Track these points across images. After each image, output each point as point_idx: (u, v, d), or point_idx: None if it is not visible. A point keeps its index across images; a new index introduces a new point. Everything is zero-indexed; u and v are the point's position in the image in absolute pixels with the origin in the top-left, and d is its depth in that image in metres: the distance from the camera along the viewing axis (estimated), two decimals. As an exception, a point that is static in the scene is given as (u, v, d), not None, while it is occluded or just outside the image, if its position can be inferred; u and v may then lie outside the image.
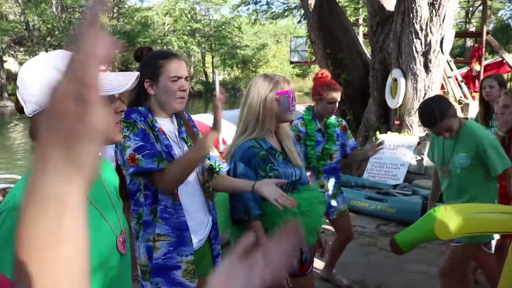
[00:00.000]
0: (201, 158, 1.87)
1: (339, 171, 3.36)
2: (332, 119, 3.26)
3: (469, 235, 2.34)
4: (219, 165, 2.07)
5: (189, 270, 1.88)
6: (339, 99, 3.14)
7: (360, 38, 13.53)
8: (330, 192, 3.28)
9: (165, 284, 1.86)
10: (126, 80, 1.17)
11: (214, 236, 2.05)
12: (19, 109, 1.19)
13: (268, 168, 2.04)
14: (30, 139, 1.19)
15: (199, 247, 1.97)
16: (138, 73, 1.23)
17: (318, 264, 3.97)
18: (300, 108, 8.38)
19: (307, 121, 3.17)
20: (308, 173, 3.11)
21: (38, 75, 1.13)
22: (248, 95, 2.11)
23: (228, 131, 3.58)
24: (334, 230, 3.73)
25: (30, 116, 1.17)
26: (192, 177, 1.95)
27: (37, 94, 1.14)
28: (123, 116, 1.24)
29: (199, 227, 1.95)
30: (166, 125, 1.95)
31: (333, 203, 3.34)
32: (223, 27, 43.16)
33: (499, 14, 33.14)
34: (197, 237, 1.95)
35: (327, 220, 3.41)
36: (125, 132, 1.80)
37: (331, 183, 3.27)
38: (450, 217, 2.17)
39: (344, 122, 3.35)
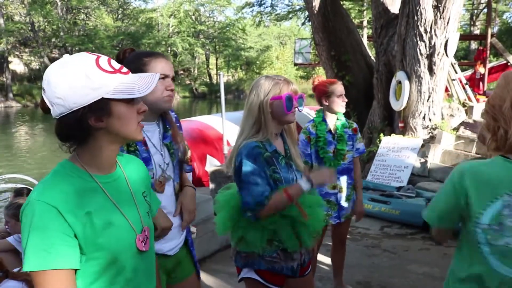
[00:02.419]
0: None
1: (352, 172, 3.34)
2: (343, 120, 3.29)
3: None
4: None
5: None
6: (344, 92, 3.20)
7: (365, 41, 13.55)
8: (343, 194, 3.27)
9: None
10: (149, 83, 1.22)
11: (191, 242, 2.13)
12: (45, 110, 1.22)
13: (270, 170, 2.03)
14: (57, 139, 1.23)
15: (175, 253, 2.01)
16: (159, 74, 1.27)
17: (323, 263, 3.99)
18: (305, 110, 8.43)
19: (317, 123, 3.20)
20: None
21: (65, 78, 1.16)
22: (249, 97, 2.12)
23: (233, 133, 3.60)
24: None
25: (57, 117, 1.20)
26: (169, 185, 1.96)
27: (64, 97, 1.16)
28: (142, 117, 1.28)
29: (173, 234, 1.97)
30: (151, 131, 1.93)
31: (345, 204, 3.29)
32: (227, 28, 43.26)
33: (504, 17, 33.07)
34: (171, 244, 1.98)
35: (332, 222, 3.32)
36: None
37: (344, 183, 3.26)
38: None
39: (355, 125, 3.37)
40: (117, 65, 1.22)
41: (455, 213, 1.52)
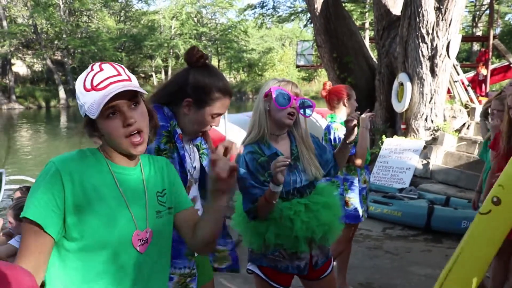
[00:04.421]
0: None
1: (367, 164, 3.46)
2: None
3: None
4: None
5: (181, 282, 1.81)
6: None
7: (367, 42, 13.54)
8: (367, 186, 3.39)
9: None
10: (100, 104, 1.20)
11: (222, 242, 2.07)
12: None
13: (267, 174, 2.00)
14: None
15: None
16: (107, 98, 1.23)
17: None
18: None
19: (338, 128, 3.17)
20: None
21: (77, 89, 1.29)
22: (256, 99, 2.17)
23: (235, 135, 3.60)
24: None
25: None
26: (194, 187, 1.92)
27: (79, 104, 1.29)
28: (131, 129, 1.24)
29: None
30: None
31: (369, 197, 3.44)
32: (230, 30, 43.27)
33: (506, 18, 33.00)
34: None
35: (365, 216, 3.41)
36: None
37: (367, 176, 3.38)
38: None
39: None
40: (96, 81, 1.24)
41: None
